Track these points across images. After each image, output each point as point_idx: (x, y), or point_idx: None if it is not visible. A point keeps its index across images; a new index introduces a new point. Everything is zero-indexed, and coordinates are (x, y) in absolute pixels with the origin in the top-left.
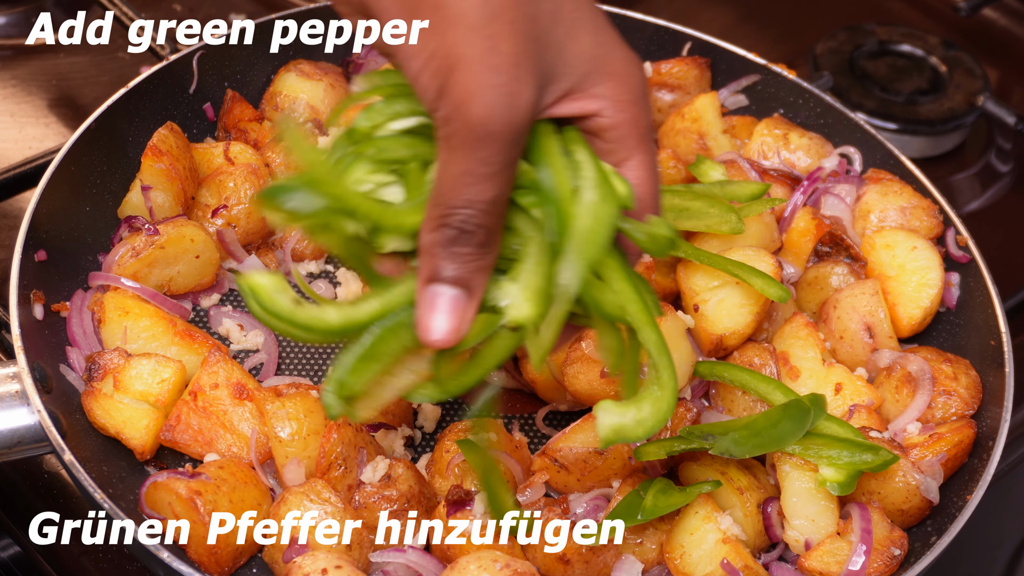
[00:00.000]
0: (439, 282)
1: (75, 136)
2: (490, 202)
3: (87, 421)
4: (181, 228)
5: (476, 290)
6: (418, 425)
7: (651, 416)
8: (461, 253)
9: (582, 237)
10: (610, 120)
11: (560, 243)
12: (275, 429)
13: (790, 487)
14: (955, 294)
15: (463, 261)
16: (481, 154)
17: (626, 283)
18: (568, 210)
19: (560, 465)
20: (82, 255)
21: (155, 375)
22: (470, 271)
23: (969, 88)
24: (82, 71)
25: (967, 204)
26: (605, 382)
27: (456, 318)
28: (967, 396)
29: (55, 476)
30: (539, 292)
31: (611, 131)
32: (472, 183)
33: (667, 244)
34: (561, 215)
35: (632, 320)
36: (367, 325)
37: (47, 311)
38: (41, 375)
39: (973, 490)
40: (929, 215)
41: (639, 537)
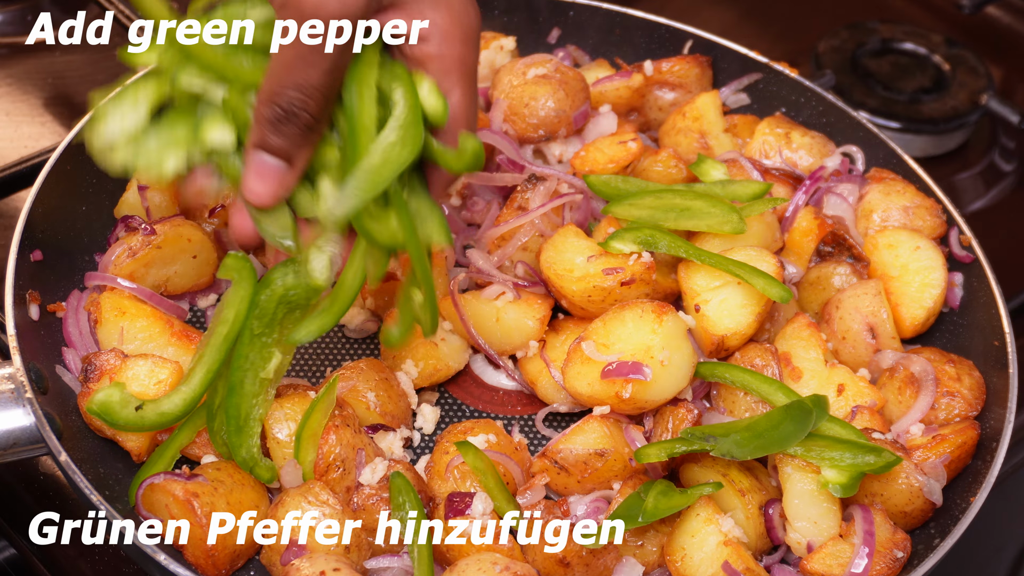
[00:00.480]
0: (265, 150)
1: (71, 135)
2: (316, 87)
3: (83, 422)
4: (178, 228)
5: (297, 164)
6: (417, 427)
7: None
8: (287, 131)
9: (366, 173)
10: (436, 50)
11: (345, 172)
12: (272, 430)
13: (792, 489)
14: (958, 294)
15: (287, 137)
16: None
17: (404, 216)
18: (362, 143)
19: (560, 467)
20: (78, 255)
21: (152, 376)
22: (293, 147)
23: (972, 86)
24: (78, 69)
25: (970, 203)
26: (606, 383)
27: (275, 184)
28: (970, 397)
29: (51, 478)
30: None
31: (436, 62)
32: (302, 66)
33: (473, 158)
34: (354, 147)
35: (408, 251)
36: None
37: (43, 311)
38: (37, 376)
39: (977, 492)
40: (932, 215)
41: (640, 539)
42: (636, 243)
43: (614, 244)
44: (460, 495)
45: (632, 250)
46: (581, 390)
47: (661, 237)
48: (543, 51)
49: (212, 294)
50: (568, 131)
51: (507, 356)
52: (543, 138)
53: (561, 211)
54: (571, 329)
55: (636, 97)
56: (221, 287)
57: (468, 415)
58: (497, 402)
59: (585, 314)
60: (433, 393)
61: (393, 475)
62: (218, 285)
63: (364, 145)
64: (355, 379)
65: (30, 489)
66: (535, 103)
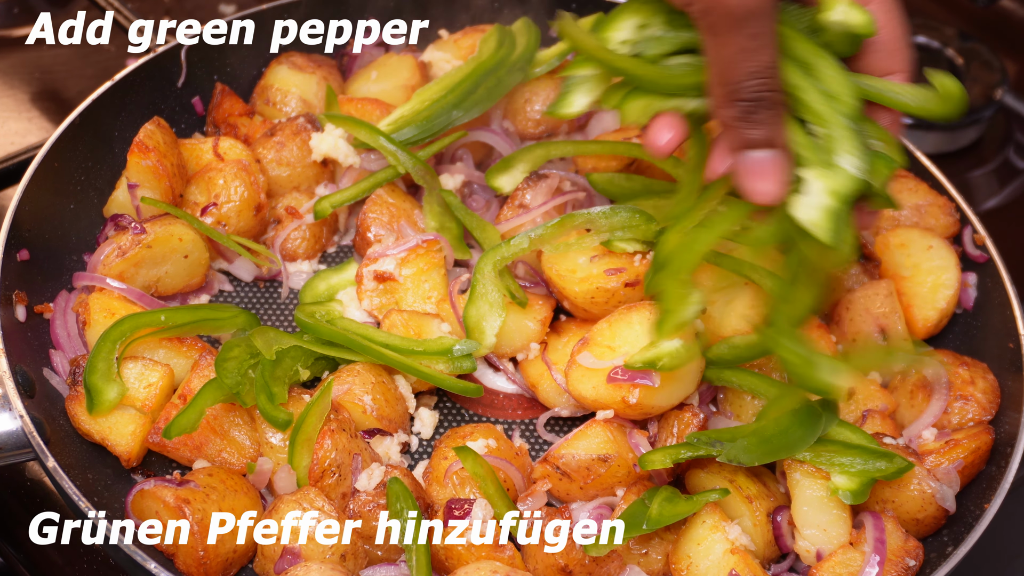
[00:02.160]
0: (752, 148)
1: (59, 131)
2: (770, 67)
3: (71, 427)
4: (169, 227)
5: (785, 146)
6: (415, 431)
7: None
8: (762, 117)
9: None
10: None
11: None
12: (266, 435)
13: (801, 495)
14: (972, 295)
15: (765, 124)
16: (748, 30)
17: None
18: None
19: (562, 473)
20: (66, 255)
21: (142, 379)
22: (774, 131)
23: (986, 81)
24: (66, 64)
25: (984, 201)
26: (612, 387)
27: (778, 175)
28: (984, 401)
29: (38, 484)
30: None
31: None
32: (749, 56)
33: (958, 97)
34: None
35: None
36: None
37: (30, 313)
38: (24, 379)
39: (991, 498)
40: (945, 213)
41: (644, 547)
42: (640, 242)
43: (618, 243)
44: (459, 501)
45: (636, 249)
46: (585, 394)
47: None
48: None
49: (204, 295)
50: (570, 127)
51: (507, 359)
52: (545, 134)
53: (563, 209)
54: (574, 331)
55: None
56: (213, 288)
57: (467, 419)
58: (497, 406)
59: (588, 316)
60: (431, 397)
61: (390, 481)
62: (210, 286)
63: (835, 124)
64: (351, 382)
65: (16, 495)
66: (536, 98)
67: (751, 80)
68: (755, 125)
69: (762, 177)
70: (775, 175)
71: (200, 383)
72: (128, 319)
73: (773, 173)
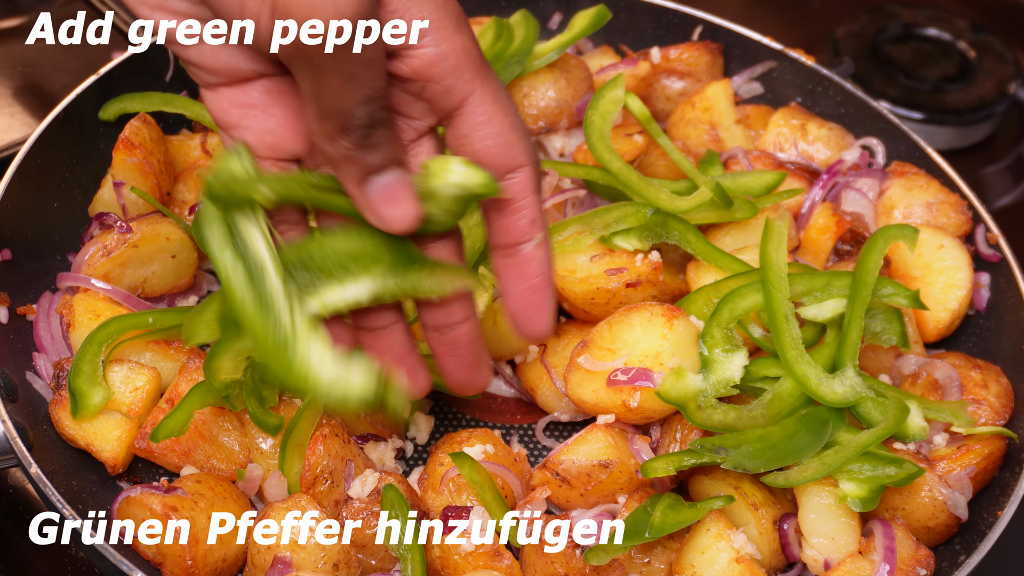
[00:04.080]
0: (374, 174)
1: (42, 127)
2: (382, 89)
3: (55, 432)
4: (156, 226)
5: (406, 164)
6: (410, 437)
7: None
8: (380, 140)
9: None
10: (435, 50)
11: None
12: (256, 440)
13: (808, 503)
14: (985, 296)
15: (385, 144)
16: (358, 57)
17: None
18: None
19: (562, 479)
20: (50, 254)
21: (128, 383)
22: (395, 149)
23: (1000, 75)
24: (50, 57)
25: (998, 199)
26: (612, 390)
27: (408, 195)
28: (998, 405)
29: (21, 491)
30: None
31: (440, 64)
32: (357, 84)
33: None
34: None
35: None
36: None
37: (12, 314)
38: (6, 383)
39: (1004, 505)
40: (957, 211)
41: (647, 556)
42: (641, 240)
43: (618, 241)
44: (456, 509)
45: (637, 247)
46: (585, 398)
47: (674, 227)
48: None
49: (192, 296)
50: (570, 122)
51: (505, 361)
52: (543, 130)
53: (563, 207)
54: (574, 333)
55: (642, 86)
56: (202, 288)
57: (464, 424)
58: (495, 410)
59: (588, 317)
60: (427, 401)
61: (385, 488)
62: (198, 287)
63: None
64: None
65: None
66: (535, 93)
67: (364, 106)
68: (374, 149)
69: (395, 201)
70: (406, 195)
71: (188, 387)
72: (114, 321)
73: (404, 193)
